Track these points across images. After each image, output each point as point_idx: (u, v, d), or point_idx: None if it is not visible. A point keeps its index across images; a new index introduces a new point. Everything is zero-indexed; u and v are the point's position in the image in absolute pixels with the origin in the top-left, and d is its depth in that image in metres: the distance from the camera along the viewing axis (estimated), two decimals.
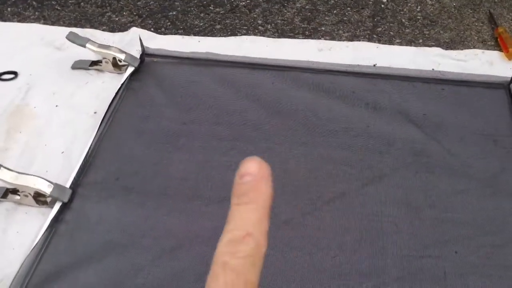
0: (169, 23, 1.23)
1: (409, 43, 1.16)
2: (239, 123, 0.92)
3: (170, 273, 0.71)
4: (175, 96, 0.98)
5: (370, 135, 0.89)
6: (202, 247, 0.74)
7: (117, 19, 1.24)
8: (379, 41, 1.15)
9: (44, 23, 1.20)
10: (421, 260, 0.72)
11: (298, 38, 1.18)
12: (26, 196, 0.77)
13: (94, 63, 1.03)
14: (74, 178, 0.81)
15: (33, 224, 0.76)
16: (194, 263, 0.72)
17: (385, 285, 0.69)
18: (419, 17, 1.24)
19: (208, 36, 1.17)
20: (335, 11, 1.26)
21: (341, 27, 1.22)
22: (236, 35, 1.18)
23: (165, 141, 0.89)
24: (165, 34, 1.18)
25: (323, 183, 0.82)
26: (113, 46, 1.00)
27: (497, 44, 1.12)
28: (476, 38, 1.17)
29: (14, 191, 0.78)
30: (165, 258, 0.73)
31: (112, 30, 1.19)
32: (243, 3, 1.29)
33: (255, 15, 1.25)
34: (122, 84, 0.96)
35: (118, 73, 1.02)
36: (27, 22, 1.21)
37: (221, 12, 1.27)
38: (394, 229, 0.76)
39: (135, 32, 1.13)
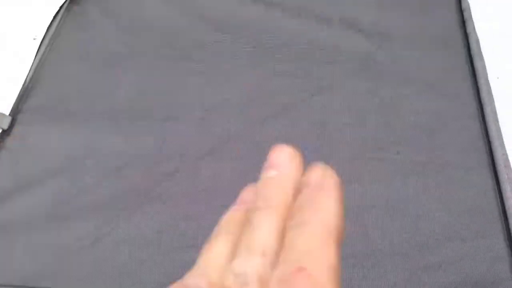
0: None
1: None
2: (185, 43, 0.90)
3: (116, 192, 0.71)
4: (119, 18, 0.95)
5: (318, 46, 0.88)
6: (148, 164, 0.74)
7: None
8: None
9: None
10: (365, 162, 0.73)
11: None
12: None
13: None
14: (14, 104, 0.79)
15: None
16: (140, 181, 0.72)
17: None
18: None
19: None
20: None
21: None
22: None
23: (109, 64, 0.87)
24: None
25: (270, 95, 0.82)
26: None
27: None
28: None
29: None
30: (110, 178, 0.73)
31: None
32: None
33: None
34: (60, 7, 0.92)
35: None
36: None
37: None
38: (340, 136, 0.76)
39: None
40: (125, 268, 0.64)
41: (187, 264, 0.59)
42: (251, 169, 0.70)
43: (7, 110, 0.78)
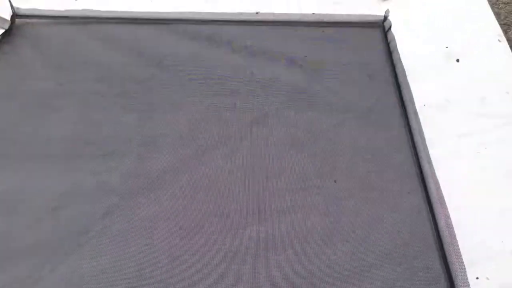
0: None
1: None
2: (121, 79, 0.90)
3: (51, 233, 0.69)
4: (51, 57, 0.94)
5: (255, 80, 0.90)
6: (85, 203, 0.72)
7: None
8: None
9: None
10: (303, 192, 0.74)
11: None
12: None
13: None
14: None
15: None
16: (77, 220, 0.70)
17: (270, 219, 0.71)
18: None
19: None
20: None
21: None
22: None
23: (41, 102, 0.85)
24: None
25: (208, 128, 0.82)
26: None
27: None
28: None
29: None
30: (46, 219, 0.71)
31: None
32: None
33: None
34: None
35: None
36: None
37: None
38: (278, 166, 0.77)
39: None
40: None
41: None
42: (190, 202, 0.71)
43: None
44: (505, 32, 1.00)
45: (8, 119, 0.83)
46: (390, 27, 0.97)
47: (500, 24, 1.01)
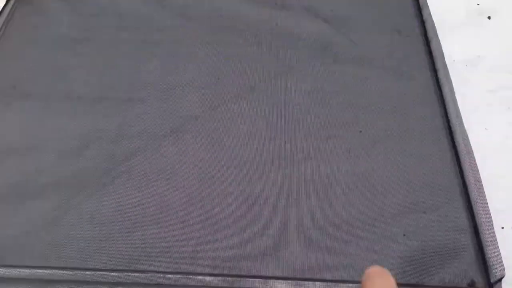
0: None
1: None
2: (144, 27, 0.89)
3: (75, 172, 0.69)
4: (76, 4, 0.93)
5: (278, 32, 0.89)
6: (109, 145, 0.72)
7: None
8: None
9: None
10: (327, 141, 0.73)
11: None
12: None
13: None
14: None
15: None
16: (100, 161, 0.70)
17: (294, 166, 0.70)
18: None
19: None
20: None
21: None
22: None
23: (64, 47, 0.85)
24: None
25: (231, 78, 0.81)
26: None
27: None
28: None
29: None
30: (70, 158, 0.71)
31: None
32: None
33: None
34: None
35: None
36: None
37: None
38: (302, 116, 0.76)
39: None
40: (86, 245, 0.62)
41: (150, 241, 0.59)
42: (213, 148, 0.71)
43: None
44: None
45: (32, 61, 0.83)
46: None
47: None
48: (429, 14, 0.89)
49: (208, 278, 0.58)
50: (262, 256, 0.61)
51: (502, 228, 0.64)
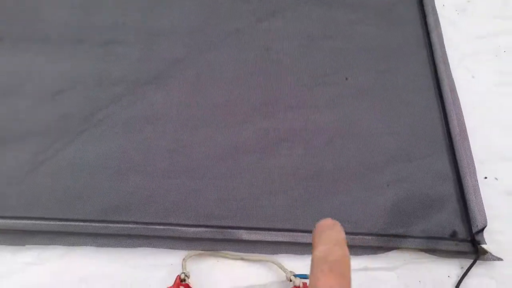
0: None
1: None
2: None
3: (55, 117, 0.67)
4: None
5: None
6: (90, 89, 0.70)
7: None
8: None
9: None
10: (314, 88, 0.72)
11: None
12: None
13: None
14: None
15: None
16: (82, 106, 0.68)
17: (279, 112, 0.69)
18: None
19: None
20: None
21: None
22: None
23: None
24: None
25: (219, 20, 0.78)
26: None
27: None
28: None
29: None
30: (49, 103, 0.68)
31: None
32: None
33: None
34: None
35: None
36: None
37: None
38: (289, 61, 0.74)
39: None
40: (67, 194, 0.61)
41: (134, 189, 0.57)
42: (199, 93, 0.68)
43: None
44: None
45: (4, 4, 0.78)
46: None
47: None
48: None
49: (191, 229, 0.58)
50: (245, 207, 0.61)
51: (485, 178, 0.65)
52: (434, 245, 0.58)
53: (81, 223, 0.58)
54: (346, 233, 0.55)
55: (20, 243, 0.58)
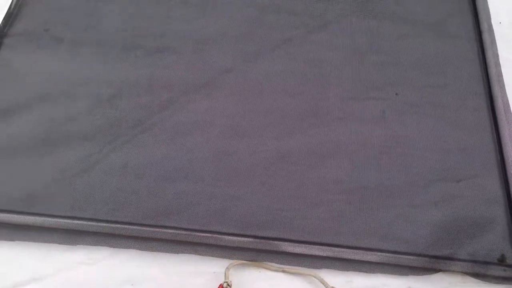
0: None
1: None
2: None
3: (107, 121, 0.69)
4: None
5: None
6: (141, 95, 0.72)
7: None
8: None
9: None
10: (362, 102, 0.71)
11: None
12: None
13: None
14: None
15: None
16: (133, 111, 0.70)
17: (325, 124, 0.69)
18: None
19: None
20: None
21: None
22: None
23: None
24: None
25: (267, 31, 0.79)
26: None
27: None
28: None
29: None
30: (101, 107, 0.70)
31: None
32: None
33: None
34: None
35: None
36: None
37: None
38: (337, 73, 0.74)
39: None
40: (116, 196, 0.62)
41: (179, 195, 0.59)
42: (246, 102, 0.69)
43: None
44: None
45: (64, 6, 0.81)
46: None
47: None
48: None
49: (235, 238, 0.58)
50: (289, 218, 0.61)
51: None
52: (481, 269, 0.57)
53: (128, 226, 0.59)
54: (390, 251, 0.54)
55: (71, 242, 0.60)
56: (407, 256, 0.57)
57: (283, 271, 0.58)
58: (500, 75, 0.72)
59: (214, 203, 0.62)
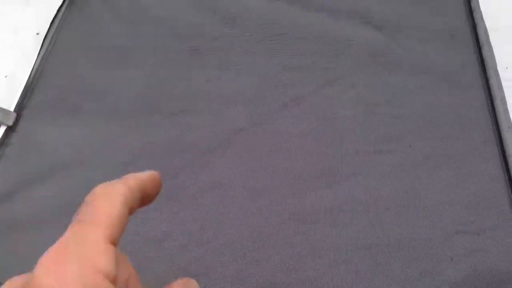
0: None
1: None
2: (195, 35, 0.89)
3: None
4: (123, 10, 0.94)
5: (328, 38, 0.87)
6: (159, 160, 0.73)
7: None
8: None
9: None
10: (375, 155, 0.72)
11: None
12: None
13: None
14: (18, 101, 0.78)
15: None
16: None
17: (340, 181, 0.69)
18: None
19: None
20: None
21: None
22: None
23: (113, 58, 0.86)
24: None
25: (278, 89, 0.81)
26: None
27: None
28: None
29: None
30: (118, 174, 0.71)
31: None
32: None
33: None
34: (63, 1, 0.91)
35: None
36: None
37: None
38: (349, 128, 0.75)
39: None
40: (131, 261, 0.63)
41: (199, 261, 0.59)
42: (263, 159, 0.70)
43: (11, 107, 0.78)
44: None
45: (82, 73, 0.84)
46: None
47: None
48: (481, 18, 0.86)
49: None
50: (308, 278, 0.61)
51: None
52: None
53: None
54: None
55: None
56: None
57: None
58: (509, 122, 0.73)
59: (232, 266, 0.63)
